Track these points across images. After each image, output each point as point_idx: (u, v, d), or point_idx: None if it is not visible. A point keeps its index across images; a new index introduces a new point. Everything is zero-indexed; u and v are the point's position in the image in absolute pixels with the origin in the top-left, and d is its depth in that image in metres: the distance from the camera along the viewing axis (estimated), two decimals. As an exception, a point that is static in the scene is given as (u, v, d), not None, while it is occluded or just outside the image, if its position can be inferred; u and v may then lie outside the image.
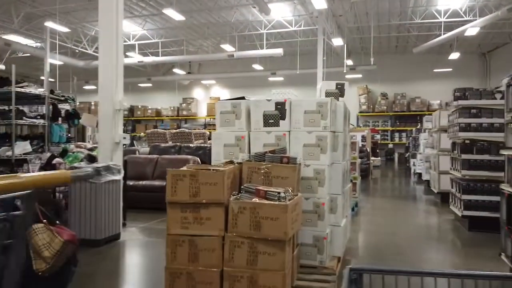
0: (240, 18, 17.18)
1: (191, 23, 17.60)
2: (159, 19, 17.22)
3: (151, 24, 17.86)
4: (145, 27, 17.91)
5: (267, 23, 17.45)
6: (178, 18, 14.38)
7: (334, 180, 4.19)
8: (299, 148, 4.00)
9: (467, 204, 6.03)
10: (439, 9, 15.81)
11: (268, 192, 3.10)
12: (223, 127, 4.18)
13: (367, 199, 9.12)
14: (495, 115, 5.97)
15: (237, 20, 17.17)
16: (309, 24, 17.59)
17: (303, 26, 17.52)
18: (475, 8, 15.17)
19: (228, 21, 17.22)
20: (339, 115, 4.26)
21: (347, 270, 1.44)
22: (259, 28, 17.87)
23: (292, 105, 4.05)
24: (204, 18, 17.33)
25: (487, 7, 15.15)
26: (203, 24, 17.82)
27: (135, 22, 17.48)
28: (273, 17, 16.62)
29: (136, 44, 19.04)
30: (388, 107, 21.55)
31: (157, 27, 18.00)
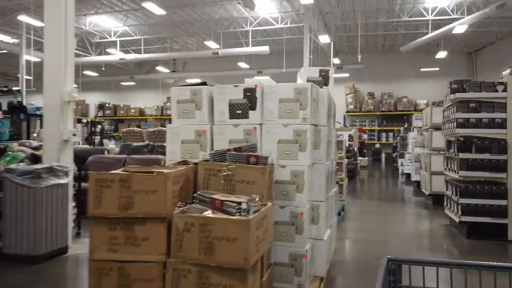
0: (225, 15, 16.33)
1: (174, 19, 16.70)
2: (141, 15, 16.28)
3: (133, 20, 16.90)
4: (126, 23, 16.95)
5: (252, 20, 16.63)
6: (159, 12, 13.47)
7: (315, 184, 3.38)
8: (273, 145, 3.18)
9: (465, 209, 5.27)
10: (426, 7, 15.17)
11: (225, 203, 2.26)
12: (181, 120, 3.34)
13: (354, 202, 8.34)
14: (497, 109, 5.22)
15: (222, 16, 16.31)
16: (295, 21, 16.82)
17: (290, 23, 16.75)
18: (463, 6, 14.56)
19: (213, 18, 16.35)
20: (322, 105, 3.45)
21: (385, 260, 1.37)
22: (244, 25, 17.05)
23: (264, 92, 3.22)
24: (187, 14, 16.44)
25: (474, 5, 14.55)
26: (186, 21, 16.93)
27: (116, 18, 16.51)
28: (258, 14, 15.81)
29: (118, 41, 18.05)
30: (375, 107, 20.90)
31: (139, 23, 17.05)
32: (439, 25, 15.50)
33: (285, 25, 16.80)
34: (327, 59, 18.37)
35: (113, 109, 22.26)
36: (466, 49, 19.68)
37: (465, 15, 14.40)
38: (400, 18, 15.93)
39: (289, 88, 3.16)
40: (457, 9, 14.91)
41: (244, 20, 16.84)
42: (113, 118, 22.12)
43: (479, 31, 16.96)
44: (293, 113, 3.15)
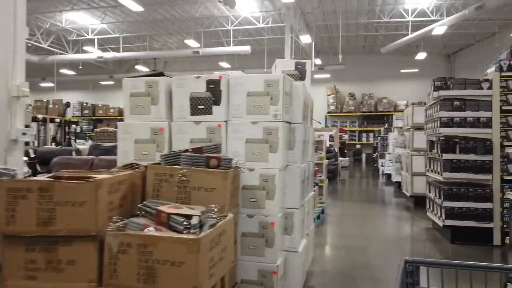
0: (206, 13, 15.81)
1: (154, 17, 16.09)
2: (119, 12, 15.61)
3: (111, 18, 16.21)
4: (104, 20, 16.25)
5: (234, 19, 16.17)
6: (136, 9, 12.87)
7: (289, 189, 2.94)
8: (240, 144, 2.73)
9: (449, 212, 4.93)
10: (406, 8, 14.99)
11: (172, 217, 1.80)
12: (134, 116, 2.85)
13: (334, 203, 7.96)
14: (482, 108, 4.90)
15: (203, 15, 15.79)
16: (277, 21, 16.43)
17: (271, 23, 16.35)
18: (442, 7, 14.43)
19: (193, 16, 15.81)
20: (297, 100, 3.01)
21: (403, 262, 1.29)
22: (225, 24, 16.57)
23: (230, 84, 2.77)
24: (167, 12, 15.86)
25: (453, 7, 14.43)
26: (166, 19, 16.34)
27: (93, 15, 15.79)
28: (240, 13, 15.35)
29: (96, 39, 17.32)
30: (356, 107, 20.69)
31: (117, 20, 16.37)
32: (418, 27, 15.34)
33: (267, 25, 16.40)
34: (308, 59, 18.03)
35: (92, 109, 21.43)
36: (444, 51, 19.66)
37: (444, 16, 14.27)
38: (381, 19, 15.72)
39: (258, 80, 2.71)
40: (436, 11, 14.77)
41: (225, 19, 16.36)
42: (92, 118, 21.29)
43: (457, 33, 16.91)
44: (263, 108, 2.70)
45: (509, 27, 15.34)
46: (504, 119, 4.81)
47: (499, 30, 15.63)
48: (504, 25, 15.47)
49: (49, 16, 15.80)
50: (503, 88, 4.80)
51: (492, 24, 15.49)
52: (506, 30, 15.42)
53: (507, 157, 4.79)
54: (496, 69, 4.91)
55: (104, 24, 16.56)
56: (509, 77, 4.78)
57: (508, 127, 4.80)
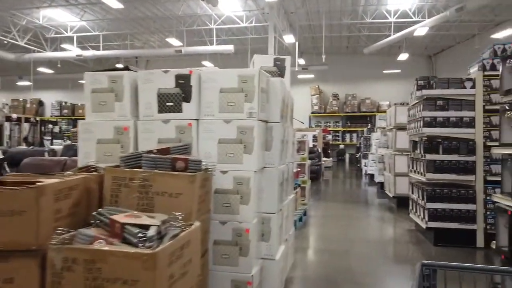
0: (188, 11, 15.51)
1: (135, 15, 15.70)
2: (99, 9, 15.17)
3: (91, 15, 15.75)
4: (83, 17, 15.77)
5: (217, 18, 15.92)
6: (116, 6, 12.49)
7: (266, 192, 2.74)
8: (212, 145, 2.51)
9: (432, 214, 4.81)
10: (389, 9, 15.01)
11: (127, 228, 1.57)
12: (97, 114, 2.61)
13: (317, 205, 7.81)
14: (465, 108, 4.80)
15: (185, 13, 15.48)
16: (260, 21, 16.26)
17: (255, 22, 16.16)
18: (424, 9, 14.49)
19: (175, 14, 15.49)
20: (275, 97, 2.81)
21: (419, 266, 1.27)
22: (208, 23, 16.30)
23: (201, 79, 2.55)
24: (149, 10, 15.50)
25: (435, 8, 14.51)
26: (148, 17, 15.97)
27: (72, 12, 15.29)
28: (223, 12, 15.11)
29: (75, 37, 16.82)
30: (339, 108, 20.69)
31: (97, 18, 15.92)
32: (401, 28, 15.38)
33: (250, 24, 16.21)
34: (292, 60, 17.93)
35: (71, 108, 20.84)
36: (426, 52, 19.82)
37: (426, 18, 14.33)
38: (364, 20, 15.71)
39: (231, 75, 2.50)
40: (418, 12, 14.83)
41: (208, 18, 16.09)
42: (71, 118, 20.70)
43: (438, 35, 17.04)
44: (237, 106, 2.49)
45: (488, 29, 15.52)
46: (487, 118, 4.71)
47: (479, 32, 15.80)
48: (484, 26, 15.65)
49: (26, 13, 15.23)
50: (486, 87, 4.71)
51: (472, 26, 15.65)
52: (486, 32, 15.59)
53: (490, 157, 4.70)
54: (479, 68, 4.82)
55: (83, 22, 16.09)
56: (492, 76, 4.68)
57: (491, 127, 4.70)
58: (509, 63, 2.81)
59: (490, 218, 4.65)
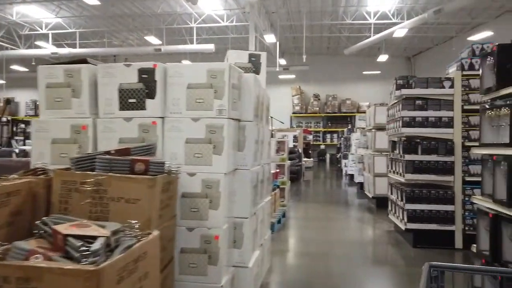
0: (168, 9, 15.19)
1: (113, 12, 15.29)
2: (75, 6, 14.70)
3: (66, 12, 15.25)
4: (59, 14, 15.26)
5: (197, 16, 15.64)
6: (92, 2, 12.13)
7: (238, 195, 2.56)
8: (179, 145, 2.32)
9: (411, 215, 4.73)
10: (369, 11, 15.07)
11: (69, 240, 1.37)
12: (52, 111, 2.37)
13: (297, 206, 7.68)
14: (444, 107, 4.73)
15: (164, 11, 15.16)
16: (241, 20, 16.07)
17: (235, 21, 15.97)
18: (403, 11, 14.61)
19: (155, 12, 15.15)
20: (248, 94, 2.64)
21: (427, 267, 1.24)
22: (188, 21, 16.02)
23: (167, 74, 2.35)
24: (127, 8, 15.11)
25: (414, 10, 14.65)
26: (126, 15, 15.57)
27: (47, 9, 14.76)
28: (203, 11, 14.87)
29: (50, 34, 16.26)
30: (320, 108, 20.72)
31: (73, 15, 15.42)
32: (380, 29, 15.47)
33: (231, 23, 16.02)
34: (273, 60, 17.83)
35: (47, 107, 20.14)
36: (405, 54, 20.04)
37: (405, 19, 14.45)
38: (344, 21, 15.73)
39: (200, 70, 2.31)
40: (397, 14, 14.94)
41: (188, 17, 15.81)
42: (47, 117, 19.99)
43: (417, 37, 17.24)
44: (205, 103, 2.31)
45: (465, 31, 15.78)
46: (466, 118, 4.67)
47: (456, 34, 16.04)
48: (461, 29, 15.90)
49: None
50: (464, 87, 4.66)
51: (450, 28, 15.87)
52: (463, 34, 15.84)
53: (468, 157, 4.65)
54: (458, 68, 4.76)
55: (59, 18, 15.57)
56: (471, 75, 4.64)
57: (469, 127, 4.66)
58: (489, 61, 2.72)
59: (468, 219, 4.61)
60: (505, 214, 2.39)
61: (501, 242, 2.39)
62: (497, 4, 13.81)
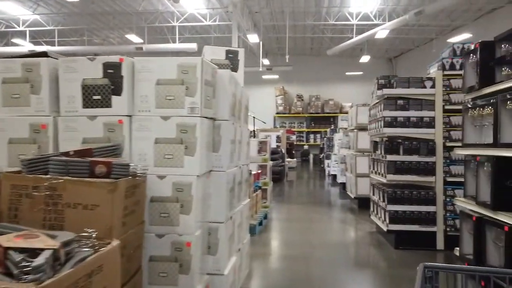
0: (149, 8, 14.90)
1: (92, 9, 14.89)
2: (54, 3, 14.26)
3: (45, 8, 14.79)
4: (37, 11, 14.78)
5: (179, 15, 15.40)
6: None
7: (213, 199, 2.41)
8: (148, 145, 2.15)
9: (393, 216, 4.66)
10: (351, 12, 15.11)
11: (10, 254, 1.19)
12: (9, 108, 2.17)
13: (279, 207, 7.56)
14: (425, 107, 4.68)
15: (146, 9, 14.86)
16: (224, 19, 15.91)
17: (218, 21, 15.79)
18: (385, 12, 14.69)
19: (136, 10, 14.83)
20: (223, 91, 2.49)
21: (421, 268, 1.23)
22: (170, 20, 15.75)
23: (135, 69, 2.19)
24: (108, 5, 14.75)
25: (395, 12, 14.76)
26: (107, 12, 15.20)
27: (24, 5, 14.27)
28: (186, 9, 14.63)
29: (27, 31, 15.74)
30: (303, 109, 20.71)
31: (52, 12, 14.96)
32: (362, 30, 15.54)
33: (214, 23, 15.83)
34: (257, 60, 17.73)
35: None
36: (387, 55, 20.22)
37: (386, 21, 14.54)
38: (327, 21, 15.74)
39: (170, 65, 2.15)
40: (379, 15, 15.03)
41: (171, 15, 15.55)
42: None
43: (398, 38, 17.39)
44: (176, 100, 2.15)
45: (445, 34, 15.98)
46: (447, 119, 4.62)
47: (436, 36, 16.24)
48: (441, 31, 16.10)
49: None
50: (445, 87, 4.62)
51: (430, 30, 16.07)
52: (443, 36, 16.05)
53: (449, 158, 4.61)
54: (439, 68, 4.72)
55: (36, 15, 15.08)
56: (452, 75, 4.60)
57: (450, 127, 4.62)
58: (472, 59, 2.64)
59: (450, 220, 4.56)
60: (488, 217, 2.31)
61: (485, 246, 2.31)
62: (476, 6, 14.02)
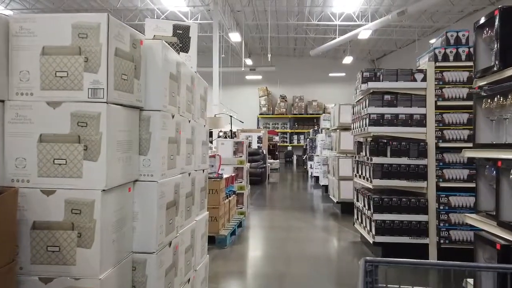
0: (128, 5, 14.05)
1: (68, 5, 13.96)
2: (27, -2, 13.30)
3: (17, 4, 13.81)
4: (9, 6, 13.78)
5: (160, 13, 14.57)
6: (41, -8, 10.82)
7: (141, 219, 1.66)
8: (29, 145, 1.39)
9: (380, 227, 3.98)
10: (334, 12, 14.55)
11: None
12: None
13: (257, 213, 6.84)
14: (415, 103, 4.03)
15: (124, 6, 14.00)
16: (206, 18, 15.15)
17: (200, 19, 15.01)
18: (367, 12, 14.16)
19: (114, 7, 13.94)
20: (153, 69, 1.74)
21: (363, 262, 1.28)
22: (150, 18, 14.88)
23: (10, 31, 1.42)
24: (85, 1, 13.86)
25: (378, 13, 14.25)
26: (84, 9, 14.28)
27: (-5, -1, 13.28)
28: (166, 7, 13.82)
29: None
30: (287, 109, 20.07)
31: (25, 7, 13.96)
32: (345, 31, 15.00)
33: (195, 21, 15.02)
34: (240, 61, 17.02)
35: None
36: (369, 57, 19.77)
37: (369, 21, 14.01)
38: (310, 21, 15.13)
39: (61, 25, 1.40)
40: (362, 16, 14.50)
41: (150, 13, 14.71)
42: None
43: (381, 39, 16.92)
44: (70, 78, 1.40)
45: (427, 35, 15.56)
46: (440, 116, 3.97)
47: (419, 38, 15.80)
48: (423, 32, 15.68)
49: None
50: (438, 80, 3.97)
51: (412, 32, 15.62)
52: (425, 37, 15.63)
53: (442, 160, 3.95)
54: (430, 59, 4.07)
55: (9, 11, 14.04)
56: (445, 68, 3.96)
57: (444, 125, 3.97)
58: (487, 33, 1.97)
59: (443, 231, 3.90)
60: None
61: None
62: (457, 8, 13.60)
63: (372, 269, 1.31)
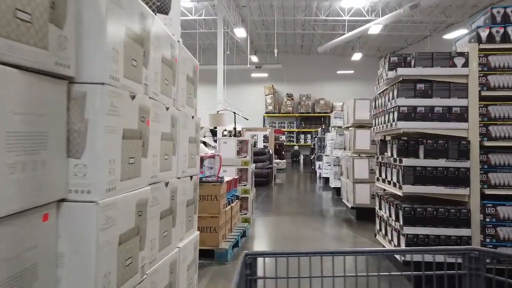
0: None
1: (69, 1, 13.33)
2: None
3: None
4: None
5: (162, 9, 13.90)
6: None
7: (69, 266, 0.94)
8: None
9: (411, 242, 3.25)
10: (343, 7, 13.79)
11: None
12: None
13: (264, 219, 6.13)
14: (455, 94, 3.29)
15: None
16: (211, 14, 14.47)
17: (204, 15, 14.35)
18: (378, 7, 13.38)
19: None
20: (95, 25, 1.03)
21: (243, 255, 1.31)
22: (153, 14, 14.25)
23: None
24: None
25: (388, 7, 13.46)
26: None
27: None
28: (168, 2, 13.14)
29: None
30: (294, 108, 19.33)
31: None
32: (354, 27, 14.23)
33: (199, 17, 14.39)
34: (245, 57, 16.32)
35: None
36: (379, 54, 18.95)
37: (379, 16, 13.23)
38: (318, 17, 14.38)
39: None
40: (372, 11, 13.73)
41: (153, 9, 14.05)
42: None
43: (391, 35, 16.12)
44: None
45: (439, 31, 14.73)
46: (484, 109, 3.23)
47: (431, 34, 14.97)
48: (435, 28, 14.85)
49: None
50: (482, 65, 3.22)
51: (424, 27, 14.80)
52: (437, 33, 14.80)
53: (487, 162, 3.21)
54: (472, 40, 3.33)
55: None
56: (491, 50, 3.21)
57: (489, 120, 3.22)
58: None
59: (489, 247, 3.15)
60: None
61: None
62: (472, 2, 12.77)
63: (252, 261, 1.32)
